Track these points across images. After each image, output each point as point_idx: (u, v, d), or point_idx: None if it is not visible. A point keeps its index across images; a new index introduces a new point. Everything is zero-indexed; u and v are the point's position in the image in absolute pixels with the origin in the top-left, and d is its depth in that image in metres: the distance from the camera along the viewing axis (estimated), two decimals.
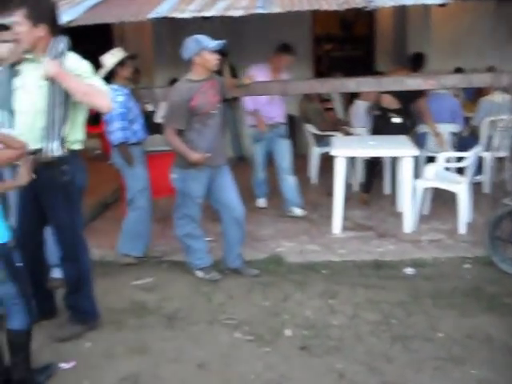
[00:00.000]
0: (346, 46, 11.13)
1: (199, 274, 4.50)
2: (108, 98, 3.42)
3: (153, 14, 4.62)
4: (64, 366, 3.43)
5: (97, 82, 3.44)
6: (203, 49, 4.15)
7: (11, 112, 3.34)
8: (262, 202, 6.38)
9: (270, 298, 4.19)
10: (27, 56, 3.39)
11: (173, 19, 4.69)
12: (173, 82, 7.87)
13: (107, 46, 7.51)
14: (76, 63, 3.38)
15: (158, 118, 7.41)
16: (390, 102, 6.08)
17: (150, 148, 5.14)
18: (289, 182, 5.97)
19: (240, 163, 7.92)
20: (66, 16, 4.75)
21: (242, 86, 4.80)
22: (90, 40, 7.22)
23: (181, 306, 4.07)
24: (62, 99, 3.29)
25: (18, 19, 3.22)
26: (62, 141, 3.34)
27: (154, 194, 5.03)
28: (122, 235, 4.84)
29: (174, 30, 7.84)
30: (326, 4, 4.60)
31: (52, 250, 3.91)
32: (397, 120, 6.14)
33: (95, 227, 5.73)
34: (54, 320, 3.88)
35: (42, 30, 3.28)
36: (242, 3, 4.77)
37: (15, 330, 3.08)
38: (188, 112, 4.14)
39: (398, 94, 5.91)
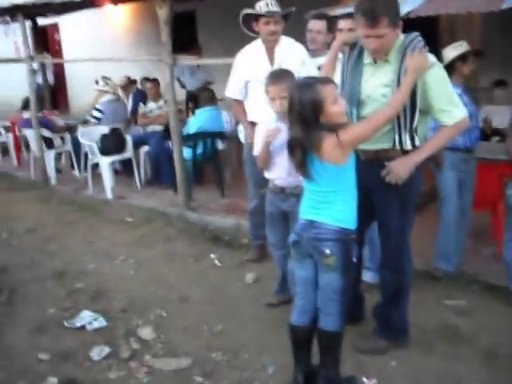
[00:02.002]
0: None
1: None
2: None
3: (506, 4, 4.07)
4: (366, 381, 3.20)
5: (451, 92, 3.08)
6: None
7: (358, 106, 3.14)
8: None
9: None
10: (366, 61, 3.14)
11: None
12: (498, 83, 7.19)
13: (433, 40, 7.17)
14: (436, 71, 3.02)
15: None
16: None
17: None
18: None
19: None
20: (404, 7, 4.49)
21: None
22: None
23: (500, 342, 3.52)
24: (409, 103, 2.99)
25: (382, 31, 2.88)
26: (413, 135, 3.05)
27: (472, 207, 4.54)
28: (436, 246, 4.45)
29: (506, 27, 7.13)
30: None
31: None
32: None
33: None
34: (358, 327, 3.67)
35: (398, 29, 2.98)
36: None
37: (326, 330, 2.99)
38: None
39: None
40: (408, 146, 3.05)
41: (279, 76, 3.52)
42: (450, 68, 4.22)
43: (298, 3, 4.69)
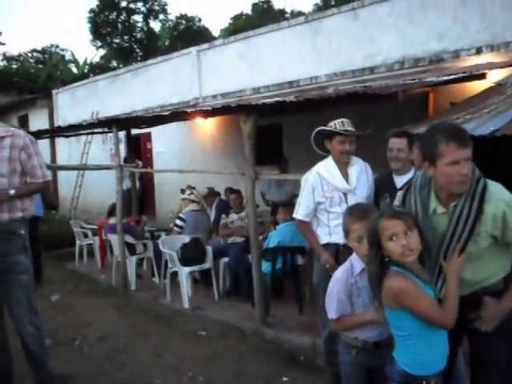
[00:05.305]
0: None
1: None
2: None
3: None
4: None
5: None
6: None
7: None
8: None
9: None
10: (439, 210, 2.90)
11: None
12: None
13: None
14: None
15: None
16: None
17: None
18: None
19: None
20: (488, 125, 4.36)
21: None
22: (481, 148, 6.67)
23: None
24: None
25: (471, 154, 2.76)
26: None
27: None
28: None
29: None
30: None
31: None
32: None
33: None
34: None
35: None
36: None
37: None
38: None
39: None
40: None
41: (366, 211, 3.12)
42: None
43: (380, 124, 4.65)
